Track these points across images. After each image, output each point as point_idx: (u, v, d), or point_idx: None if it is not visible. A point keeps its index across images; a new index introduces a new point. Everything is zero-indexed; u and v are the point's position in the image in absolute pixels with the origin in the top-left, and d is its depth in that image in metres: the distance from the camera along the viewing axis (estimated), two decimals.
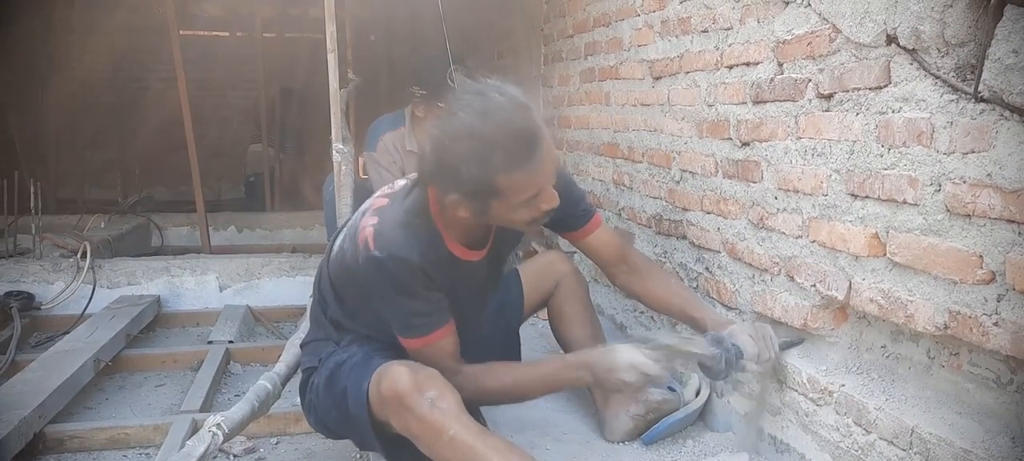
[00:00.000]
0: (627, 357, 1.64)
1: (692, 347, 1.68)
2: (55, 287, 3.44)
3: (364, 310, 1.75)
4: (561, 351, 2.17)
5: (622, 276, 1.95)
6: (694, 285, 2.20)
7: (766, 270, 1.86)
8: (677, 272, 2.30)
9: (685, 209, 2.26)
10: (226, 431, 1.81)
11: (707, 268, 2.13)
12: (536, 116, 1.57)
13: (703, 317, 1.82)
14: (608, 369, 1.65)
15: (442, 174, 1.57)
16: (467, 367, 1.71)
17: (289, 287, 3.66)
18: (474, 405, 1.61)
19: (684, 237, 2.26)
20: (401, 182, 1.79)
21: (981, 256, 1.25)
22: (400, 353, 1.71)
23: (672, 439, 1.99)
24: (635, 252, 2.03)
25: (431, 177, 1.62)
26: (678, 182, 2.30)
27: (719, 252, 2.07)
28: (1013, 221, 1.19)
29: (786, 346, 1.77)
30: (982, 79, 1.24)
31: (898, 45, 1.42)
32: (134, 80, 6.93)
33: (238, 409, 1.88)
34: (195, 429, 2.16)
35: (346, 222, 1.90)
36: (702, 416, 2.07)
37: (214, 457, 2.13)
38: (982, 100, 1.25)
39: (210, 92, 6.97)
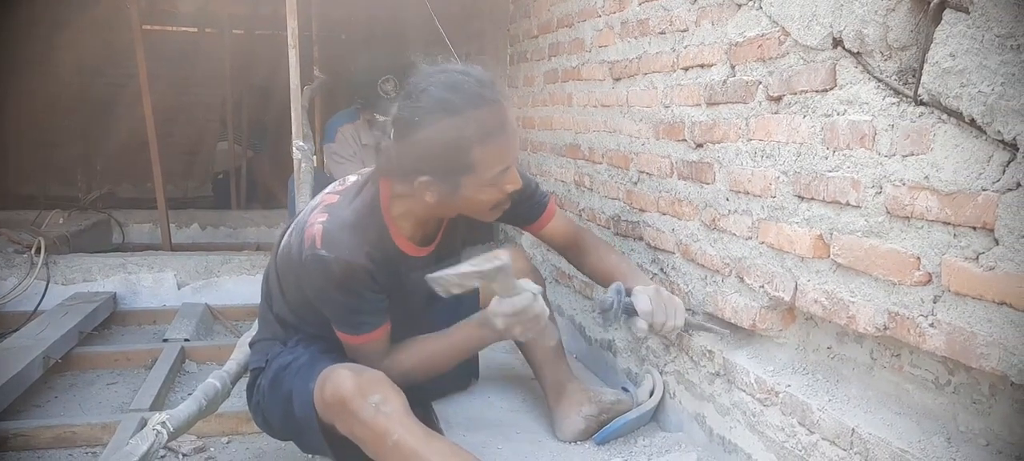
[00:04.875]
0: (495, 309, 1.66)
1: (484, 265, 1.63)
2: (7, 283, 3.38)
3: (308, 307, 1.73)
4: (517, 348, 2.17)
5: (574, 257, 2.03)
6: None
7: (717, 271, 1.86)
8: None
9: (642, 210, 2.26)
10: (171, 430, 1.78)
11: (662, 269, 2.14)
12: (501, 90, 1.58)
13: (630, 287, 1.85)
14: (493, 320, 1.68)
15: (412, 154, 1.55)
16: (390, 354, 1.71)
17: (250, 285, 3.62)
18: (403, 386, 1.60)
19: (641, 238, 2.26)
20: (352, 178, 1.77)
21: (918, 258, 1.26)
22: (345, 354, 1.70)
23: (624, 439, 1.98)
24: (585, 232, 2.08)
25: (393, 165, 1.61)
26: (636, 184, 2.31)
27: (673, 253, 2.08)
28: (949, 223, 1.20)
29: (696, 327, 1.83)
30: (922, 82, 1.25)
31: (844, 48, 1.44)
32: (100, 75, 6.82)
33: (185, 408, 1.85)
34: (143, 428, 2.13)
35: (296, 217, 1.89)
36: (655, 416, 2.08)
37: (160, 456, 2.10)
38: (921, 103, 1.26)
39: (179, 89, 6.87)
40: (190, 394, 1.91)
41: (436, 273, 1.58)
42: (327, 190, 1.79)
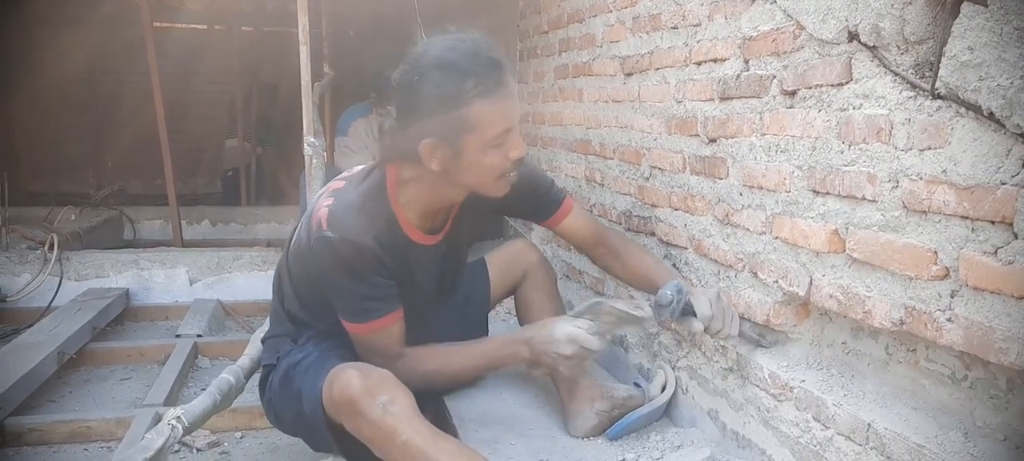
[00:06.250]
0: (564, 330, 1.65)
1: (625, 308, 1.69)
2: (21, 279, 3.40)
3: (318, 300, 1.73)
4: None
5: (602, 258, 2.01)
6: None
7: (731, 267, 1.86)
8: None
9: (654, 206, 2.26)
10: (186, 424, 1.79)
11: (674, 265, 2.13)
12: (499, 49, 1.58)
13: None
14: (545, 343, 1.65)
15: (413, 114, 1.55)
16: (408, 351, 1.70)
17: (261, 281, 3.63)
18: (420, 389, 1.59)
19: (653, 234, 2.26)
20: (360, 167, 1.77)
21: (936, 252, 1.26)
22: (355, 352, 1.69)
23: (636, 434, 1.98)
24: (611, 232, 2.06)
25: (397, 137, 1.60)
26: (647, 179, 2.30)
27: (686, 249, 2.07)
28: (966, 217, 1.20)
29: (750, 336, 1.77)
30: (939, 76, 1.24)
31: (859, 42, 1.43)
32: (109, 73, 6.85)
33: (199, 402, 1.86)
34: (158, 422, 2.14)
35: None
36: (667, 411, 2.07)
37: (175, 450, 2.11)
38: (939, 97, 1.26)
39: (188, 86, 6.89)
40: (203, 389, 1.92)
41: (593, 301, 1.67)
42: (334, 179, 1.79)
